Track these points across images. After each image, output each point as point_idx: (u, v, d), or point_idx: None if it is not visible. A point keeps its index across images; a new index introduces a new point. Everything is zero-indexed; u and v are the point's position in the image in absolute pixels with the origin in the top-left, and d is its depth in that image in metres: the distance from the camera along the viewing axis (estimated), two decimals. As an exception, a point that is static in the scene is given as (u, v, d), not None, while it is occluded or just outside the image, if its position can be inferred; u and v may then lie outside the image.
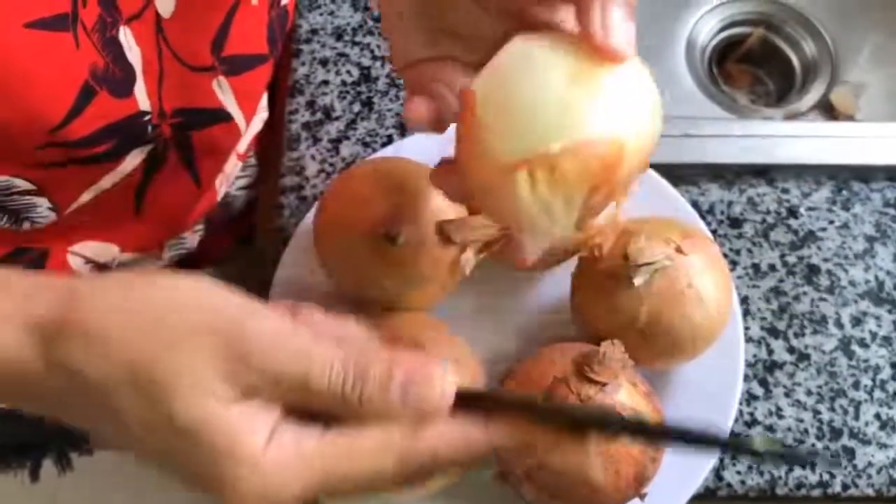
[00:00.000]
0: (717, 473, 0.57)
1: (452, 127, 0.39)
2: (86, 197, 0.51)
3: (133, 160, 0.51)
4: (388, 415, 0.32)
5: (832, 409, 0.58)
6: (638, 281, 0.49)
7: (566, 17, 0.36)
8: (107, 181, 0.51)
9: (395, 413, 0.32)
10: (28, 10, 0.39)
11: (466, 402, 0.34)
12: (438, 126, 0.40)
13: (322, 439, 0.32)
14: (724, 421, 0.54)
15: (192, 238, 0.64)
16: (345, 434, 0.32)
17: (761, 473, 0.57)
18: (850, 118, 0.81)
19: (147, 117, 0.49)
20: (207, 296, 0.33)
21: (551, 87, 0.34)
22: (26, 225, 0.49)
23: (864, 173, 0.66)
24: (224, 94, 0.55)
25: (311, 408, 0.32)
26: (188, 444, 0.31)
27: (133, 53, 0.47)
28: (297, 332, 0.33)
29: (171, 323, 0.32)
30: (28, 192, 0.47)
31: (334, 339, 0.33)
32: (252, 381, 0.31)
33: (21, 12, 0.38)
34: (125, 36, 0.46)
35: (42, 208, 0.49)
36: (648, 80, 0.37)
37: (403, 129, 0.66)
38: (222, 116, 0.56)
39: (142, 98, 0.48)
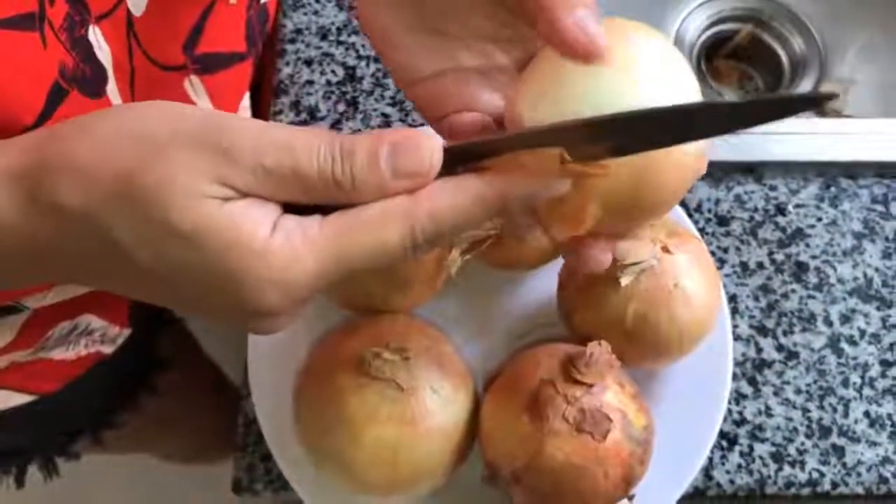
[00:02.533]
0: (707, 473, 0.56)
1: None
2: None
3: None
4: (382, 188, 0.32)
5: (821, 408, 0.58)
6: (624, 281, 0.49)
7: None
8: None
9: (389, 185, 0.32)
10: None
11: (460, 159, 0.33)
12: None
13: (325, 219, 0.32)
14: (713, 420, 0.53)
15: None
16: (347, 212, 0.32)
17: (750, 473, 0.56)
18: (839, 115, 0.80)
19: None
20: (177, 108, 0.32)
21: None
22: None
23: (853, 170, 0.66)
24: (197, 93, 0.55)
25: (304, 201, 0.32)
26: (192, 252, 0.30)
27: (103, 52, 0.46)
28: (274, 125, 0.32)
29: (150, 135, 0.31)
30: None
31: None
32: (242, 179, 0.31)
33: None
34: (95, 35, 0.46)
35: None
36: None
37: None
38: None
39: (114, 97, 0.47)
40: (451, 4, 0.39)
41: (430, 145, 0.32)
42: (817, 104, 0.34)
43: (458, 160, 0.33)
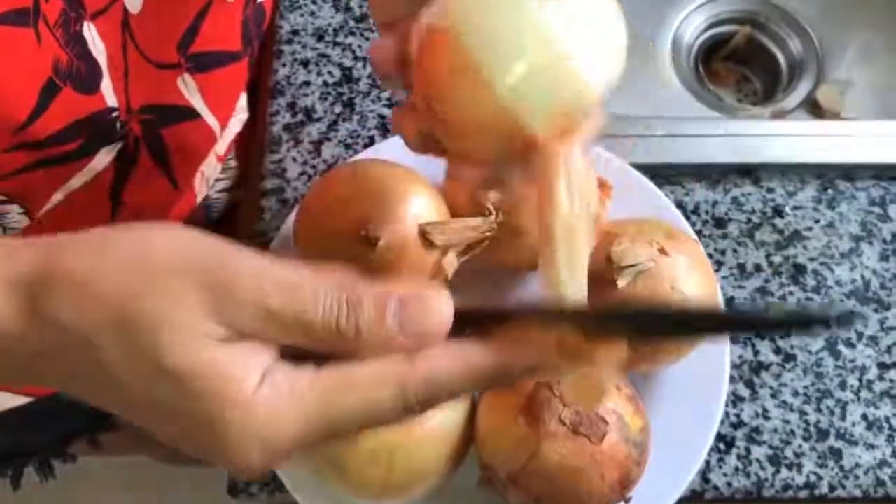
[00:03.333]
0: (704, 476, 0.56)
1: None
2: (57, 197, 0.50)
3: (103, 158, 0.50)
4: (386, 344, 0.31)
5: (819, 410, 0.58)
6: (622, 283, 0.49)
7: None
8: (77, 180, 0.50)
9: (393, 341, 0.31)
10: None
11: (468, 323, 0.32)
12: (394, 74, 0.37)
13: (317, 375, 0.31)
14: (710, 423, 0.53)
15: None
16: (340, 368, 0.31)
17: (748, 476, 0.56)
18: (836, 116, 0.80)
19: (115, 113, 0.48)
20: (185, 237, 0.32)
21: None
22: None
23: (850, 172, 0.66)
24: (189, 91, 0.55)
25: (304, 347, 0.31)
26: (176, 390, 0.29)
27: (98, 49, 0.46)
28: (281, 264, 0.31)
29: (153, 265, 0.30)
30: None
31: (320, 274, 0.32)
32: (243, 320, 0.30)
33: None
34: (90, 31, 0.45)
35: (13, 213, 0.48)
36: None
37: (385, 131, 0.65)
38: (190, 114, 0.55)
39: (108, 94, 0.47)
40: None
41: (440, 307, 0.31)
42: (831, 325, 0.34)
43: (465, 322, 0.32)
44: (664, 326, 0.33)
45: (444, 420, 0.49)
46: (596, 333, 0.32)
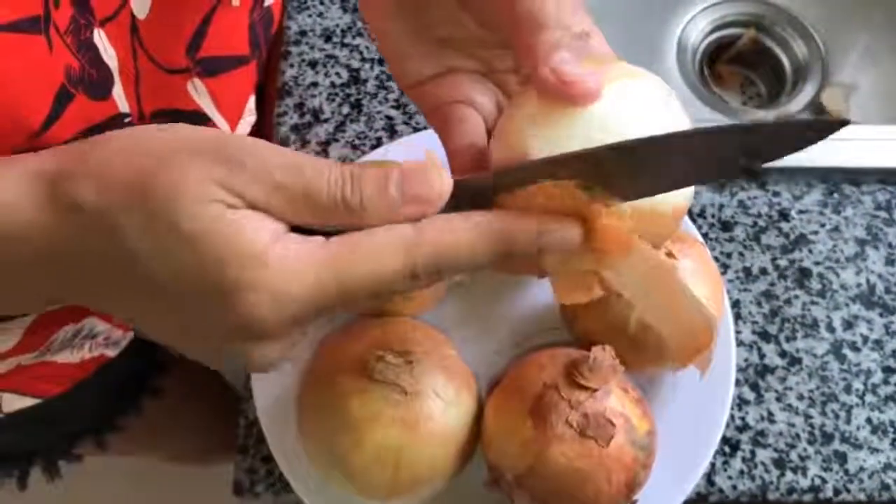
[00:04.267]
0: (709, 479, 0.56)
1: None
2: None
3: None
4: (390, 212, 0.32)
5: (824, 414, 0.58)
6: (628, 286, 0.49)
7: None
8: None
9: (397, 208, 0.32)
10: None
11: (469, 194, 0.33)
12: (482, 160, 0.38)
13: (326, 242, 0.32)
14: (716, 426, 0.53)
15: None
16: (349, 236, 0.32)
17: (753, 479, 0.56)
18: (842, 120, 0.80)
19: (128, 119, 0.48)
20: (199, 129, 0.33)
21: None
22: None
23: (856, 176, 0.66)
24: (200, 96, 0.55)
25: (310, 223, 0.32)
26: (191, 254, 0.30)
27: (109, 55, 0.46)
28: (289, 150, 0.32)
29: (165, 145, 0.32)
30: None
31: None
32: (251, 190, 0.31)
33: None
34: (100, 38, 0.46)
35: None
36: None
37: (393, 132, 0.65)
38: (200, 119, 0.55)
39: (120, 100, 0.48)
40: (451, 13, 0.39)
41: (438, 173, 0.33)
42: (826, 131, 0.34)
43: (467, 195, 0.33)
44: (655, 157, 0.33)
45: (452, 420, 0.49)
46: (600, 185, 0.33)
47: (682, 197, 0.36)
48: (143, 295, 0.32)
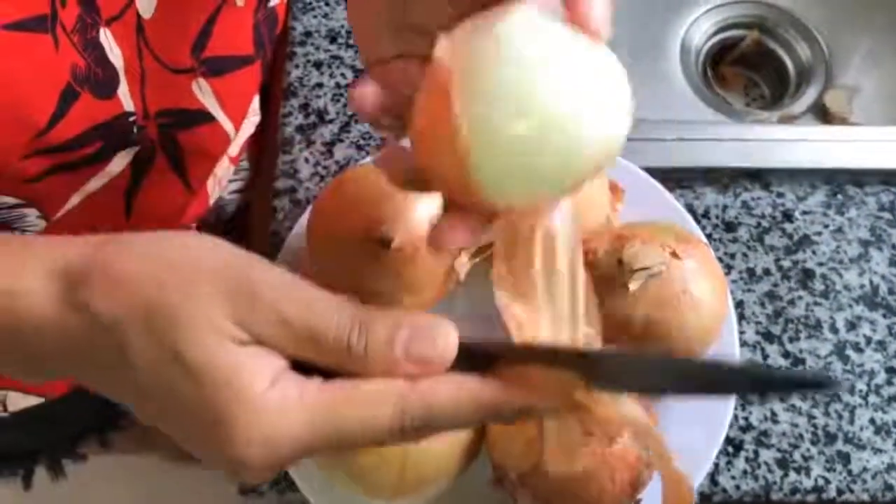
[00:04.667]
0: (713, 479, 0.56)
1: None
2: (74, 200, 0.50)
3: (120, 161, 0.51)
4: (391, 367, 0.32)
5: (827, 414, 0.58)
6: (633, 286, 0.49)
7: None
8: (94, 184, 0.50)
9: (398, 364, 0.32)
10: (4, 11, 0.38)
11: (472, 356, 0.34)
12: (381, 119, 0.38)
13: (324, 385, 0.32)
14: (719, 426, 0.53)
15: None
16: (346, 382, 0.32)
17: (756, 479, 0.57)
18: (845, 121, 0.81)
19: (132, 118, 0.49)
20: (223, 248, 0.33)
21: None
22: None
23: (859, 177, 0.66)
24: (204, 95, 0.55)
25: (313, 361, 0.32)
26: (189, 380, 0.31)
27: (115, 55, 0.47)
28: (303, 284, 0.33)
29: (186, 266, 0.32)
30: (15, 206, 0.47)
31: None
32: (259, 326, 0.31)
33: None
34: (106, 37, 0.46)
35: (31, 217, 0.48)
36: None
37: (397, 133, 0.66)
38: (205, 118, 0.56)
39: (125, 99, 0.48)
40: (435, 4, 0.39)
41: (447, 337, 0.33)
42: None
43: (470, 357, 0.33)
44: (665, 383, 0.34)
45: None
46: (596, 381, 0.33)
47: None
48: (137, 398, 0.33)
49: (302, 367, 0.32)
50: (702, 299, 0.50)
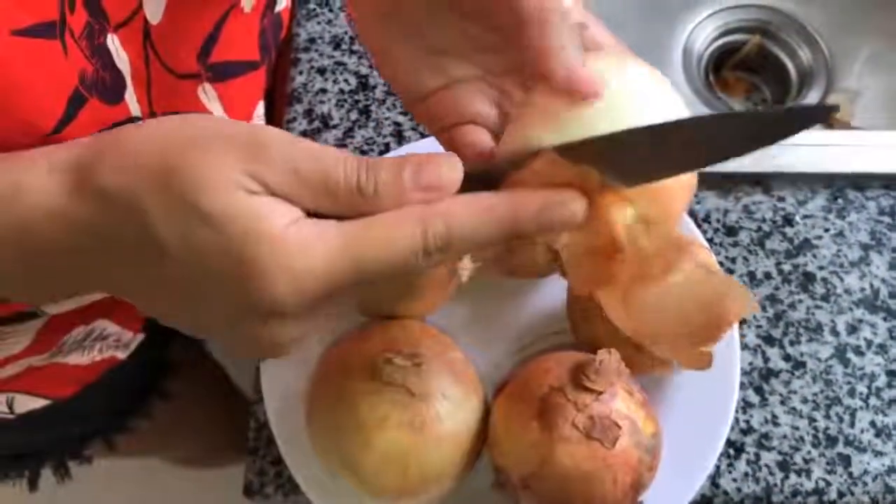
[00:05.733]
0: (714, 481, 0.57)
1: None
2: None
3: None
4: (403, 199, 0.33)
5: (828, 417, 0.59)
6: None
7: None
8: None
9: (408, 194, 0.33)
10: (15, 17, 0.39)
11: (480, 181, 0.35)
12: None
13: (341, 223, 0.33)
14: (720, 429, 0.54)
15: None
16: (361, 218, 0.33)
17: (757, 481, 0.57)
18: (846, 126, 0.81)
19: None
20: (224, 118, 0.35)
21: None
22: None
23: (860, 181, 0.66)
24: (210, 100, 0.55)
25: (327, 210, 0.33)
26: (214, 234, 0.31)
27: (121, 60, 0.47)
28: (308, 140, 0.34)
29: (195, 133, 0.33)
30: None
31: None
32: (273, 177, 0.32)
33: (8, 20, 0.38)
34: (113, 43, 0.46)
35: None
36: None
37: (401, 138, 0.66)
38: None
39: (132, 104, 0.48)
40: (437, 15, 0.40)
41: (450, 163, 0.34)
42: (823, 117, 0.36)
43: (477, 184, 0.34)
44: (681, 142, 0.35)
45: (459, 423, 0.49)
46: (610, 172, 0.34)
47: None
48: (164, 277, 0.33)
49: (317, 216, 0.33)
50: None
